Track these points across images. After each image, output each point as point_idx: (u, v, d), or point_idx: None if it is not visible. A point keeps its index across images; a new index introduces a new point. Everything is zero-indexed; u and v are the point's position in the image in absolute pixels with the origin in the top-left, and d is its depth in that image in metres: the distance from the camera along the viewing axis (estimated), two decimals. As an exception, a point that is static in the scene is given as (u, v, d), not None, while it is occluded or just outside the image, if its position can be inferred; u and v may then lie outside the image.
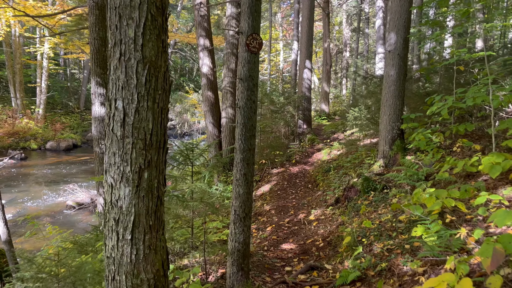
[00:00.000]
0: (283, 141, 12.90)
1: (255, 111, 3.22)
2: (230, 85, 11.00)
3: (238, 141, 3.30)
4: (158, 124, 2.69)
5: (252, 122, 3.23)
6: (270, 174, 10.59)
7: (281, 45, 26.51)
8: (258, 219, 7.39)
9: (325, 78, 21.47)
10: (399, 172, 6.49)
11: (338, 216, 6.11)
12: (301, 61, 13.77)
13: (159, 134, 2.71)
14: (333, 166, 9.29)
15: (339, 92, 30.70)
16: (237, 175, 3.35)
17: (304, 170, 10.62)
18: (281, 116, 12.89)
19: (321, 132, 16.86)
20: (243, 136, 3.25)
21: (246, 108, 3.17)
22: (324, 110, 21.31)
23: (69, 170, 17.45)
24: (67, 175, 16.47)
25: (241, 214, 3.31)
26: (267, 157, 11.46)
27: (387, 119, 6.99)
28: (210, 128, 11.11)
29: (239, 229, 3.34)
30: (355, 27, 34.36)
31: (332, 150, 11.31)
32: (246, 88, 3.16)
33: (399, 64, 6.83)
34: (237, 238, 3.36)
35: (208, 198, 3.91)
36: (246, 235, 3.38)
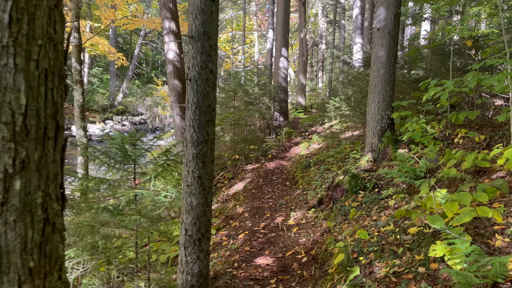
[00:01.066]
0: (259, 135, 11.88)
1: (213, 85, 2.20)
2: (200, 73, 9.86)
3: (190, 129, 2.25)
4: (40, 97, 1.62)
5: (209, 101, 2.20)
6: (244, 171, 9.55)
7: (255, 36, 25.39)
8: (230, 223, 6.35)
9: (302, 70, 20.57)
10: (392, 168, 5.57)
11: (323, 221, 5.14)
12: (276, 49, 12.75)
13: (44, 116, 1.64)
14: (313, 161, 8.34)
15: (315, 85, 29.94)
16: (188, 178, 2.30)
17: (281, 166, 9.63)
18: (256, 108, 11.86)
19: (298, 125, 15.95)
20: (197, 122, 2.21)
21: (200, 81, 2.14)
22: (300, 103, 20.42)
23: None
24: None
25: (195, 234, 2.27)
26: (241, 152, 10.42)
27: (376, 107, 6.06)
28: (177, 121, 9.95)
29: (193, 256, 2.30)
30: (330, 19, 33.63)
31: (311, 144, 10.37)
32: (200, 50, 2.12)
33: (390, 44, 5.90)
34: (189, 268, 2.31)
35: (153, 209, 2.85)
36: (203, 264, 2.35)
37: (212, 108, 2.30)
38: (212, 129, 2.36)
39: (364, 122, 8.56)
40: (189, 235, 2.27)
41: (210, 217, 2.36)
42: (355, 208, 4.82)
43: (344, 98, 9.34)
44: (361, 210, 4.71)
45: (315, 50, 35.17)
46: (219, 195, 8.48)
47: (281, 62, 12.53)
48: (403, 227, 3.40)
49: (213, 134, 2.39)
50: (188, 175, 2.28)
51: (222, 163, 10.27)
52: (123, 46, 38.82)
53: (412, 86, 7.28)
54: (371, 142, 6.14)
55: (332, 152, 7.83)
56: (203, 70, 2.14)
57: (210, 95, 2.24)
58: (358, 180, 5.32)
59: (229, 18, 23.76)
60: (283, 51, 12.52)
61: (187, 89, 2.26)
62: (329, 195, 5.50)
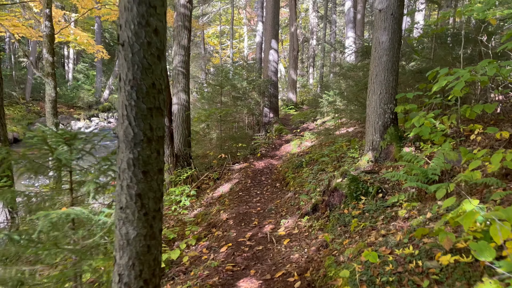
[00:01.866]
0: (247, 132, 11.08)
1: (160, 53, 1.41)
2: (182, 64, 9.02)
3: (123, 121, 1.44)
4: None
5: (153, 78, 1.40)
6: (231, 171, 8.75)
7: (245, 30, 24.51)
8: (212, 232, 5.54)
9: (292, 65, 19.79)
10: (397, 170, 4.81)
11: (318, 231, 4.37)
12: (266, 41, 11.94)
13: None
14: (305, 161, 7.56)
15: (306, 81, 29.20)
16: (122, 197, 1.47)
17: (271, 165, 8.85)
18: (244, 104, 11.05)
19: (289, 122, 15.20)
20: (133, 110, 1.41)
21: (138, 46, 1.35)
22: (291, 99, 19.66)
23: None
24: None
25: (134, 283, 1.47)
26: (228, 150, 9.61)
27: (377, 99, 5.29)
28: (158, 116, 9.10)
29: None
30: (321, 14, 32.88)
31: (303, 141, 9.60)
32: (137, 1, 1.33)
33: (393, 27, 5.12)
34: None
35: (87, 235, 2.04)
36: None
37: (159, 89, 1.50)
38: (159, 122, 1.56)
39: (361, 117, 7.81)
40: (125, 283, 1.47)
41: (158, 255, 1.56)
42: (357, 218, 4.04)
43: (338, 92, 8.58)
44: (364, 220, 3.94)
45: (305, 46, 34.41)
46: (202, 198, 7.67)
47: (270, 55, 11.73)
48: (425, 250, 2.63)
49: (162, 130, 1.59)
50: (122, 193, 1.47)
51: (207, 163, 9.46)
52: (110, 42, 37.63)
53: (414, 77, 6.54)
54: (372, 139, 5.37)
55: (327, 151, 7.06)
56: (142, 29, 1.35)
57: (155, 69, 1.45)
58: (358, 183, 4.55)
59: (217, 12, 22.87)
60: (273, 43, 11.71)
61: (118, 60, 1.46)
62: (325, 201, 4.72)
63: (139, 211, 1.47)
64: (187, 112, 9.11)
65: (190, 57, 9.31)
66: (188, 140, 9.13)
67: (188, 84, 9.20)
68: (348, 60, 16.88)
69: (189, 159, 9.24)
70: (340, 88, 9.57)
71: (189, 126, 9.26)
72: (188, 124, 9.21)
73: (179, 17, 8.95)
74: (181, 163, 9.19)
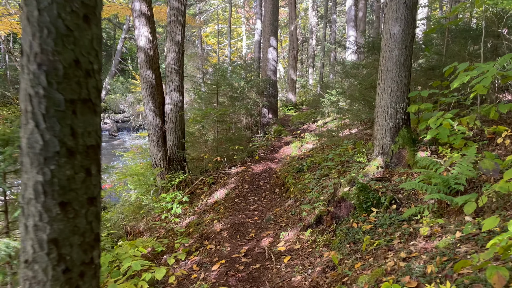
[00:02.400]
0: (245, 133, 10.52)
1: (90, 12, 0.88)
2: (176, 62, 8.47)
3: (27, 122, 0.89)
4: None
5: (75, 54, 0.86)
6: (227, 175, 8.18)
7: (243, 29, 23.94)
8: (204, 245, 4.98)
9: (292, 65, 19.25)
10: (411, 177, 4.25)
11: (323, 248, 3.80)
12: (264, 38, 11.38)
13: None
14: (306, 165, 7.00)
15: (306, 81, 28.66)
16: (27, 245, 0.90)
17: (270, 169, 8.28)
18: (242, 104, 10.49)
19: (288, 123, 14.63)
20: (44, 104, 0.86)
21: None
22: (291, 99, 19.11)
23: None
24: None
25: None
26: (224, 153, 9.05)
27: (388, 98, 4.74)
28: (150, 117, 8.54)
29: None
30: (321, 14, 32.35)
31: (304, 144, 9.04)
32: None
33: (406, 18, 4.57)
34: None
35: None
36: None
37: (87, 71, 0.94)
38: (89, 123, 1.01)
39: (367, 118, 7.25)
40: None
41: None
42: (369, 234, 3.48)
43: (340, 92, 8.02)
44: (378, 237, 3.38)
45: (305, 46, 33.89)
46: (196, 205, 7.11)
47: (269, 53, 11.17)
48: (464, 286, 2.07)
49: (95, 135, 1.04)
50: (27, 237, 0.90)
51: (203, 166, 8.89)
52: (107, 42, 37.05)
53: (426, 74, 5.98)
54: (382, 142, 4.82)
55: (331, 155, 6.50)
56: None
57: (79, 37, 0.89)
58: (369, 193, 3.99)
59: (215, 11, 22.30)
60: (271, 40, 11.16)
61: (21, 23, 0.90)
62: (330, 212, 4.16)
63: (54, 267, 0.91)
64: (181, 113, 8.55)
65: (184, 54, 8.75)
66: (182, 142, 8.58)
67: (182, 83, 8.64)
68: (349, 59, 16.36)
69: (183, 162, 8.68)
70: (342, 87, 9.01)
71: (183, 127, 8.70)
72: (182, 125, 8.65)
73: (172, 12, 8.39)
74: (174, 167, 8.62)
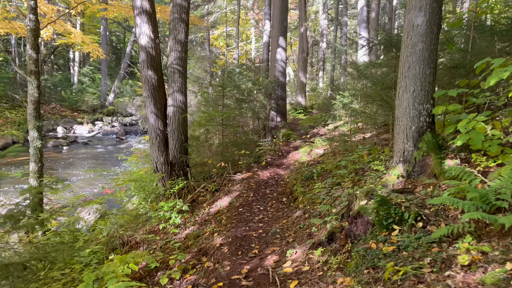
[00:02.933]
0: (252, 137, 9.99)
1: None
2: (179, 62, 7.99)
3: None
4: None
5: None
6: (232, 182, 7.65)
7: (252, 31, 23.46)
8: (202, 262, 4.44)
9: (302, 67, 18.72)
10: (439, 189, 3.66)
11: (336, 272, 3.23)
12: (273, 38, 10.87)
13: None
14: (317, 172, 6.44)
15: (316, 85, 28.08)
16: None
17: (277, 176, 7.73)
18: (249, 107, 9.97)
19: (297, 127, 14.08)
20: None
21: None
22: (300, 103, 18.56)
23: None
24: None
25: None
26: (230, 157, 8.53)
27: (410, 98, 4.16)
28: (152, 119, 8.06)
29: None
30: (332, 17, 31.80)
31: (313, 149, 8.48)
32: None
33: (432, 7, 4.00)
34: None
35: None
36: None
37: None
38: None
39: (382, 121, 6.67)
40: None
41: None
42: (392, 258, 2.91)
43: (354, 93, 7.45)
44: (403, 262, 2.80)
45: (315, 49, 33.32)
46: (198, 214, 6.58)
47: (278, 54, 10.65)
48: None
49: None
50: None
51: (207, 171, 8.37)
52: (117, 45, 37.00)
53: (450, 73, 5.38)
54: (403, 148, 4.23)
55: (344, 162, 5.92)
56: None
57: None
58: (389, 207, 3.41)
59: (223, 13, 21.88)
60: (280, 40, 10.63)
61: None
62: (344, 229, 3.59)
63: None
64: (184, 115, 8.06)
65: (187, 54, 8.27)
66: (184, 146, 8.08)
67: (185, 83, 8.16)
68: (361, 60, 15.78)
69: (185, 168, 8.18)
70: (355, 89, 8.44)
71: (186, 130, 8.20)
72: (184, 128, 8.15)
73: (175, 9, 7.93)
74: (176, 172, 8.12)
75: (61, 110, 27.03)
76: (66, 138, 21.76)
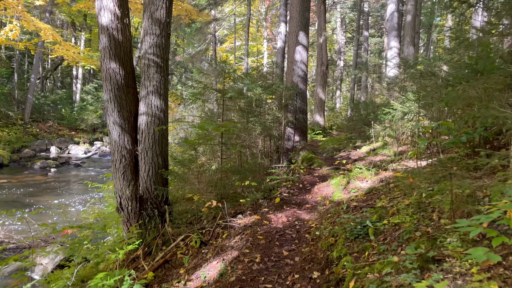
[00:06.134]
0: (261, 162, 7.21)
1: None
2: (156, 50, 5.39)
3: None
4: None
5: None
6: (228, 231, 4.86)
7: (265, 46, 21.07)
8: None
9: (320, 82, 16.09)
10: None
11: None
12: (291, 33, 8.25)
13: None
14: (372, 220, 3.62)
15: (333, 105, 25.42)
16: None
17: (299, 223, 4.91)
18: (258, 120, 7.26)
19: (318, 149, 11.31)
20: None
21: None
22: (318, 122, 15.85)
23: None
24: None
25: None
26: (231, 190, 5.78)
27: None
28: (115, 134, 5.40)
29: None
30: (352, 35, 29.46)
31: (352, 180, 5.67)
32: None
33: None
34: None
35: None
36: None
37: None
38: None
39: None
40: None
41: None
42: None
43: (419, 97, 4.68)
44: None
45: (331, 68, 30.80)
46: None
47: (297, 53, 8.01)
48: None
49: None
50: None
51: (192, 211, 5.60)
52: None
53: None
54: None
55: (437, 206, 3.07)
56: None
57: None
58: None
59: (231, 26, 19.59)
60: (300, 36, 8.01)
61: None
62: None
63: None
64: (161, 127, 5.39)
65: (169, 40, 5.66)
66: (161, 173, 5.38)
67: (165, 82, 5.52)
68: (390, 75, 13.14)
69: (162, 206, 5.43)
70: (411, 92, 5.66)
71: (164, 150, 5.51)
72: (163, 146, 5.47)
73: (152, -25, 5.40)
74: (148, 211, 5.39)
75: (58, 129, 24.77)
76: (57, 159, 19.27)
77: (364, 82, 22.63)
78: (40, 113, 25.25)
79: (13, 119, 22.91)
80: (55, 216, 9.90)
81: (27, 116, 23.52)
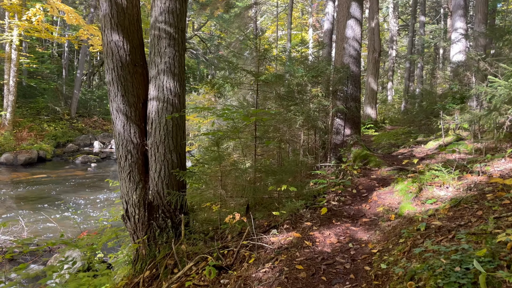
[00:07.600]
0: (303, 160, 5.83)
1: None
2: (169, 18, 4.23)
3: None
4: None
5: None
6: (257, 253, 3.58)
7: (310, 34, 19.50)
8: None
9: (372, 70, 14.35)
10: None
11: None
12: (341, 5, 6.79)
13: None
14: (479, 257, 2.18)
15: (385, 97, 23.36)
16: None
17: (355, 246, 3.51)
18: (299, 109, 5.89)
19: (371, 144, 9.75)
20: None
21: None
22: (369, 115, 14.14)
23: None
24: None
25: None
26: (264, 194, 4.51)
27: None
28: (119, 124, 4.30)
29: None
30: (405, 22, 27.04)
31: (425, 186, 4.17)
32: None
33: None
34: None
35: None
36: None
37: None
38: None
39: None
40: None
41: None
42: None
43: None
44: None
45: (381, 59, 28.45)
46: None
47: (349, 28, 6.54)
48: None
49: None
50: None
51: (214, 221, 4.37)
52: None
53: None
54: None
55: None
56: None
57: None
58: None
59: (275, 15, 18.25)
60: (353, 8, 6.54)
61: None
62: None
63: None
64: (177, 114, 4.22)
65: (187, 6, 4.48)
66: (178, 172, 4.22)
67: (180, 59, 4.34)
68: (455, 60, 11.25)
69: (176, 214, 4.28)
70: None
71: (180, 144, 4.35)
72: (178, 139, 4.30)
73: None
74: (159, 222, 4.26)
75: (103, 124, 24.85)
76: (98, 153, 19.09)
77: (419, 72, 20.38)
78: (86, 108, 25.48)
79: (60, 114, 23.19)
80: (80, 217, 9.19)
81: (74, 111, 23.74)
